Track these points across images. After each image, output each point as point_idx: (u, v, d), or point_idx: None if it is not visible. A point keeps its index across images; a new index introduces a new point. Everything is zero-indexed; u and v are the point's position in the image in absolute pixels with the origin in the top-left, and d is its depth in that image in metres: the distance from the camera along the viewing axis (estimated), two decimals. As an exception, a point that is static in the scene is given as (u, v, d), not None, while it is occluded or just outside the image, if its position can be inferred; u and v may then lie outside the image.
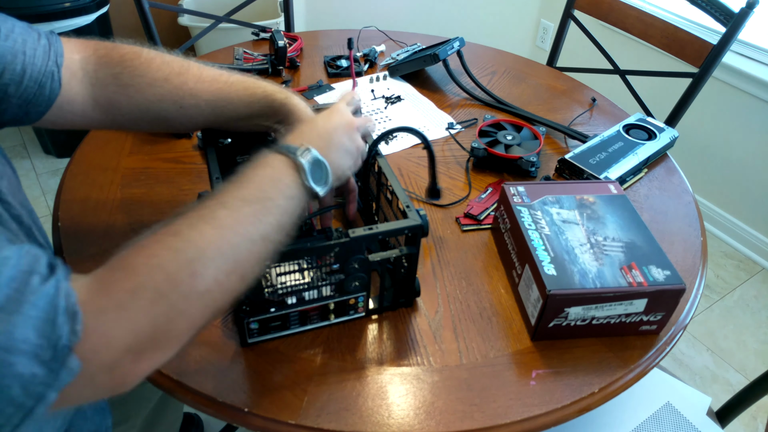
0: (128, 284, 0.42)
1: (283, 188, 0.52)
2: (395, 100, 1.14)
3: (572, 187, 0.79)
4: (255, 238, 0.48)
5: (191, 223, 0.46)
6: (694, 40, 1.22)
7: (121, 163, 0.91)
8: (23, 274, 0.38)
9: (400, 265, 0.65)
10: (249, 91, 0.67)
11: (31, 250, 0.40)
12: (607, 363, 0.66)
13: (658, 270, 0.66)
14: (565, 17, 1.43)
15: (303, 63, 1.24)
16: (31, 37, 0.58)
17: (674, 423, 0.89)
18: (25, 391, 0.37)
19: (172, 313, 0.43)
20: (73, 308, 0.39)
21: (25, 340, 0.37)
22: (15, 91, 0.57)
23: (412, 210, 0.62)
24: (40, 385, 0.38)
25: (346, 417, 0.58)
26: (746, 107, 1.82)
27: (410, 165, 0.96)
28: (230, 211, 0.48)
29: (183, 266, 0.44)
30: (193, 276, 0.44)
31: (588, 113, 1.14)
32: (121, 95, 0.64)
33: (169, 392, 0.60)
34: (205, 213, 0.47)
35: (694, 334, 1.67)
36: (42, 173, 2.08)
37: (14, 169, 0.60)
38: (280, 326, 0.64)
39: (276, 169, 0.53)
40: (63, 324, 0.38)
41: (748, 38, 1.80)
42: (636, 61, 2.11)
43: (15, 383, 0.37)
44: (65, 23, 1.79)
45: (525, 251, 0.69)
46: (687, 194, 0.93)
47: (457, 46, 1.18)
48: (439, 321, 0.69)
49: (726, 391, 1.52)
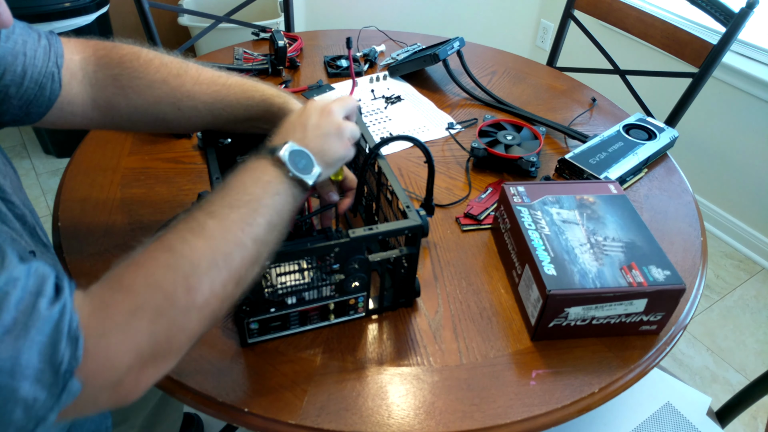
0: (127, 306, 0.42)
1: (267, 187, 0.52)
2: (395, 100, 1.14)
3: (572, 187, 0.79)
4: (246, 242, 0.48)
5: (182, 237, 0.46)
6: (694, 40, 1.22)
7: (121, 163, 0.91)
8: (31, 296, 0.38)
9: (400, 265, 0.65)
10: (247, 94, 0.67)
11: (39, 269, 0.41)
12: (607, 363, 0.66)
13: (658, 270, 0.66)
14: (565, 17, 1.43)
15: (303, 63, 1.24)
16: (32, 38, 0.58)
17: (674, 423, 0.89)
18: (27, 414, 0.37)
19: (172, 329, 0.44)
20: (75, 333, 0.39)
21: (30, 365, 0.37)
22: (16, 92, 0.57)
23: (412, 210, 0.62)
24: (42, 409, 0.38)
25: (346, 417, 0.58)
26: (746, 107, 1.82)
27: (410, 165, 0.96)
28: (218, 220, 0.48)
29: (179, 283, 0.44)
30: (189, 291, 0.44)
31: (588, 113, 1.14)
32: (119, 96, 0.63)
33: (169, 392, 0.60)
34: (194, 225, 0.47)
35: (694, 334, 1.67)
36: (42, 173, 2.08)
37: (15, 169, 0.60)
38: (280, 326, 0.64)
39: (257, 170, 0.53)
40: (65, 349, 0.38)
41: (748, 38, 1.80)
42: (636, 61, 2.11)
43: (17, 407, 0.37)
44: (65, 23, 1.79)
45: (525, 251, 0.69)
46: (687, 194, 0.93)
47: (457, 46, 1.18)
48: (439, 321, 0.69)
49: (726, 391, 1.52)
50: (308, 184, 0.55)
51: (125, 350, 0.41)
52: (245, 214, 0.49)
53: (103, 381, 0.41)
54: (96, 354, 0.40)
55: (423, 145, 0.68)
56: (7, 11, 0.45)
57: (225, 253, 0.47)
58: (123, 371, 0.41)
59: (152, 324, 0.42)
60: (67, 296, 0.41)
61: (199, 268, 0.45)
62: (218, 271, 0.46)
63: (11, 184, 0.56)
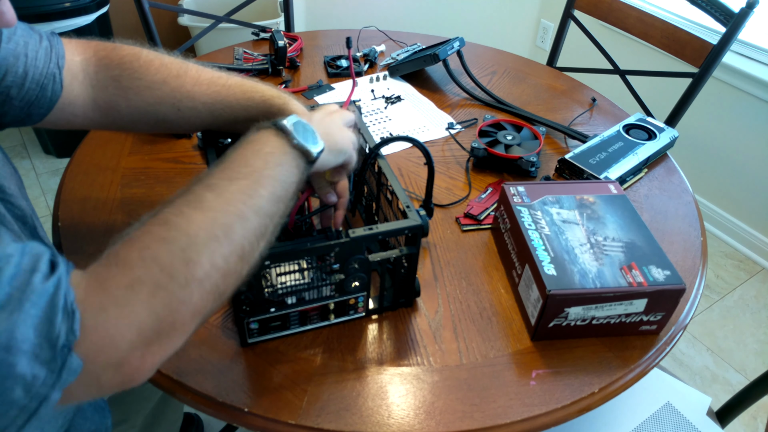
0: (125, 280, 0.41)
1: (269, 158, 0.51)
2: (395, 100, 1.14)
3: (572, 187, 0.79)
4: (247, 214, 0.47)
5: (179, 210, 0.45)
6: (694, 40, 1.22)
7: (121, 163, 0.91)
8: (25, 273, 0.38)
9: (400, 265, 0.65)
10: (247, 95, 0.67)
11: (34, 248, 0.40)
12: (607, 363, 0.66)
13: (658, 270, 0.66)
14: (565, 17, 1.43)
15: (303, 63, 1.24)
16: (33, 39, 0.58)
17: (674, 423, 0.89)
18: (27, 392, 0.37)
19: (173, 304, 0.42)
20: (72, 307, 0.39)
21: (26, 340, 0.36)
22: (17, 94, 0.57)
23: (412, 210, 0.62)
24: (43, 386, 0.38)
25: (346, 417, 0.58)
26: (746, 107, 1.82)
27: (410, 165, 0.96)
28: (217, 193, 0.47)
29: (176, 256, 0.43)
30: (187, 264, 0.43)
31: (588, 113, 1.14)
32: (120, 98, 0.64)
33: (169, 392, 0.60)
34: (192, 198, 0.46)
35: (694, 334, 1.67)
36: (42, 173, 2.08)
37: (15, 169, 0.60)
38: (280, 326, 0.64)
39: (259, 142, 0.52)
40: (61, 323, 0.38)
41: (748, 38, 1.80)
42: (636, 61, 2.11)
43: (17, 385, 0.36)
44: (65, 23, 1.79)
45: (525, 251, 0.69)
46: (687, 194, 0.93)
47: (457, 46, 1.18)
48: (439, 321, 0.69)
49: (726, 391, 1.52)
50: (312, 154, 0.54)
51: (125, 325, 0.40)
52: (245, 185, 0.48)
53: (105, 358, 0.40)
54: (95, 329, 0.39)
55: (423, 147, 0.68)
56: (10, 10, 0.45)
57: (224, 225, 0.46)
58: (125, 348, 0.40)
59: (151, 298, 0.41)
60: (63, 272, 0.40)
61: (196, 241, 0.44)
62: (218, 244, 0.45)
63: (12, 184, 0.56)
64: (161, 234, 0.44)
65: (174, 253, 0.43)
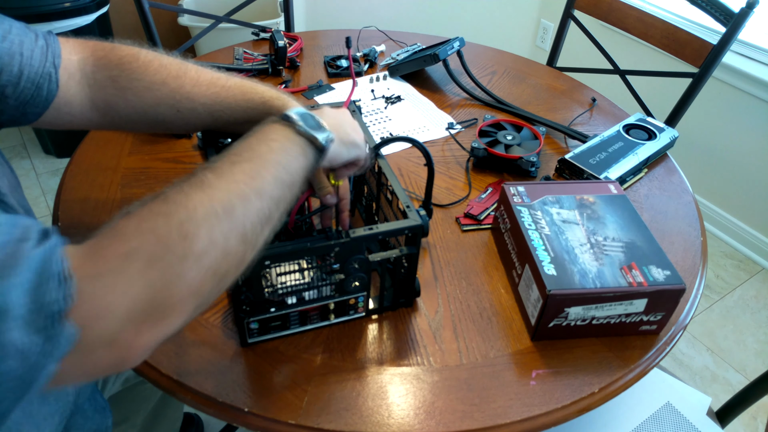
0: (121, 249, 0.41)
1: (273, 144, 0.51)
2: (395, 100, 1.14)
3: (572, 187, 0.79)
4: (249, 195, 0.47)
5: (180, 189, 0.45)
6: (694, 40, 1.22)
7: (121, 163, 0.91)
8: (15, 241, 0.37)
9: (400, 265, 0.65)
10: (247, 96, 0.67)
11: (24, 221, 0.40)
12: (607, 363, 0.66)
13: (658, 270, 0.66)
14: (565, 17, 1.43)
15: (303, 63, 1.24)
16: (29, 38, 0.58)
17: (674, 423, 0.89)
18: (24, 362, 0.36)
19: (168, 276, 0.41)
20: (66, 273, 0.38)
21: (18, 305, 0.36)
22: (12, 93, 0.57)
23: (412, 210, 0.62)
24: (39, 355, 0.37)
25: (346, 417, 0.58)
26: (746, 107, 1.82)
27: (410, 165, 0.96)
28: (218, 174, 0.47)
29: (174, 228, 0.42)
30: (185, 238, 0.42)
31: (588, 113, 1.14)
32: (118, 98, 0.63)
33: (169, 392, 0.60)
34: (194, 180, 0.46)
35: (694, 334, 1.67)
36: (42, 173, 2.08)
37: (12, 169, 0.60)
38: (280, 326, 0.64)
39: (264, 132, 0.53)
40: (55, 288, 0.37)
41: (748, 38, 1.80)
42: (636, 61, 2.11)
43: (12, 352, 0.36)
44: (65, 23, 1.79)
45: (525, 251, 0.69)
46: (687, 194, 0.93)
47: (457, 46, 1.18)
48: (439, 321, 0.69)
49: (726, 391, 1.52)
50: (319, 141, 0.54)
51: (120, 294, 0.39)
52: (248, 168, 0.48)
53: (99, 330, 0.39)
54: (90, 296, 0.38)
55: (423, 148, 0.68)
56: None
57: (225, 202, 0.45)
58: (119, 319, 0.39)
59: (147, 268, 0.40)
60: (55, 241, 0.40)
61: (195, 215, 0.43)
62: (217, 220, 0.44)
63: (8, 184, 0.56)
64: (160, 208, 0.43)
65: (171, 226, 0.42)
